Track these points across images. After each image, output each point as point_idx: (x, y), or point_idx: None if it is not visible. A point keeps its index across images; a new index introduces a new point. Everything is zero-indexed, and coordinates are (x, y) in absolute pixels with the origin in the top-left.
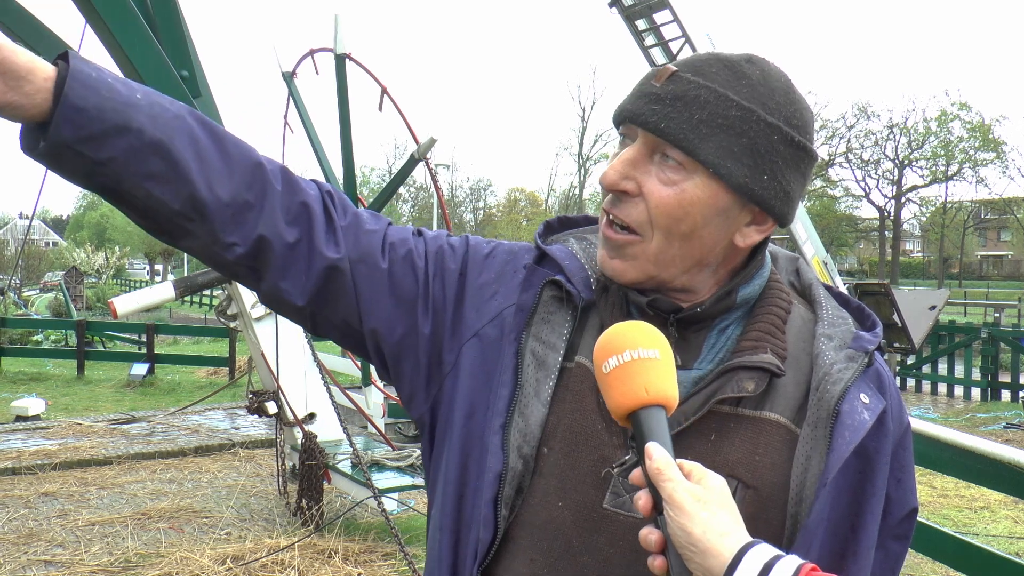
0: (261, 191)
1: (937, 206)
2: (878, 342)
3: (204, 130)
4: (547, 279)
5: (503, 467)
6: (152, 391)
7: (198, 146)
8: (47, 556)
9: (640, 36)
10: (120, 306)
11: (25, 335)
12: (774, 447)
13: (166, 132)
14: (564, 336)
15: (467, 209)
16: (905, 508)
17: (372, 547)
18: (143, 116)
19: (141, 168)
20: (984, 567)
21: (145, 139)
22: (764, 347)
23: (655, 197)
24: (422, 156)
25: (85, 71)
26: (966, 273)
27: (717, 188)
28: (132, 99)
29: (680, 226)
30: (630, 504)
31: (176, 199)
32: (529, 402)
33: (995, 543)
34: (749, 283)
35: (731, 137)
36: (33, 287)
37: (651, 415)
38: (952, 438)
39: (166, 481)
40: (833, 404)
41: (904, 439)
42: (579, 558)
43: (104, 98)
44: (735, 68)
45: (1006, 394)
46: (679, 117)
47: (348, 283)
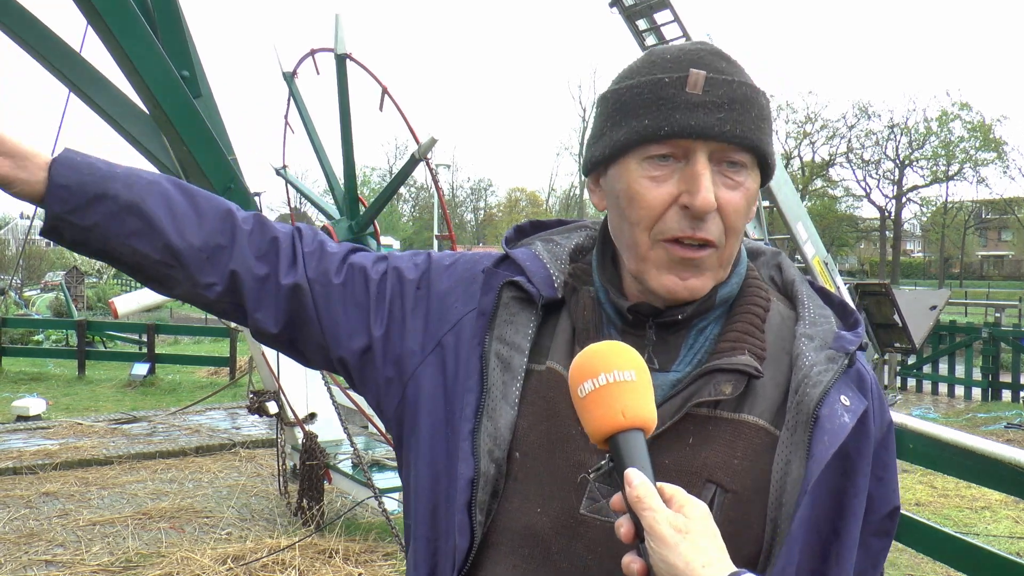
0: (231, 233)
1: (938, 206)
2: (859, 342)
3: (176, 189)
4: (505, 280)
5: (475, 472)
6: (153, 391)
7: (170, 202)
8: (48, 556)
9: (641, 36)
10: (121, 306)
11: (26, 335)
12: (753, 450)
13: (139, 194)
14: (528, 336)
15: (468, 209)
16: (887, 507)
17: (373, 547)
18: (118, 184)
19: (121, 228)
20: (985, 567)
21: (121, 202)
22: (742, 348)
23: (731, 205)
24: (423, 156)
25: (70, 157)
26: (967, 273)
27: (758, 174)
28: (110, 173)
29: (741, 222)
30: (607, 509)
31: (155, 250)
32: (497, 405)
33: (996, 543)
34: (727, 282)
35: (766, 122)
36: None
37: (629, 439)
38: (953, 438)
39: (167, 481)
40: (812, 408)
41: (886, 439)
42: (558, 564)
43: (84, 175)
44: (724, 56)
45: (1007, 394)
46: (744, 120)
47: (309, 303)
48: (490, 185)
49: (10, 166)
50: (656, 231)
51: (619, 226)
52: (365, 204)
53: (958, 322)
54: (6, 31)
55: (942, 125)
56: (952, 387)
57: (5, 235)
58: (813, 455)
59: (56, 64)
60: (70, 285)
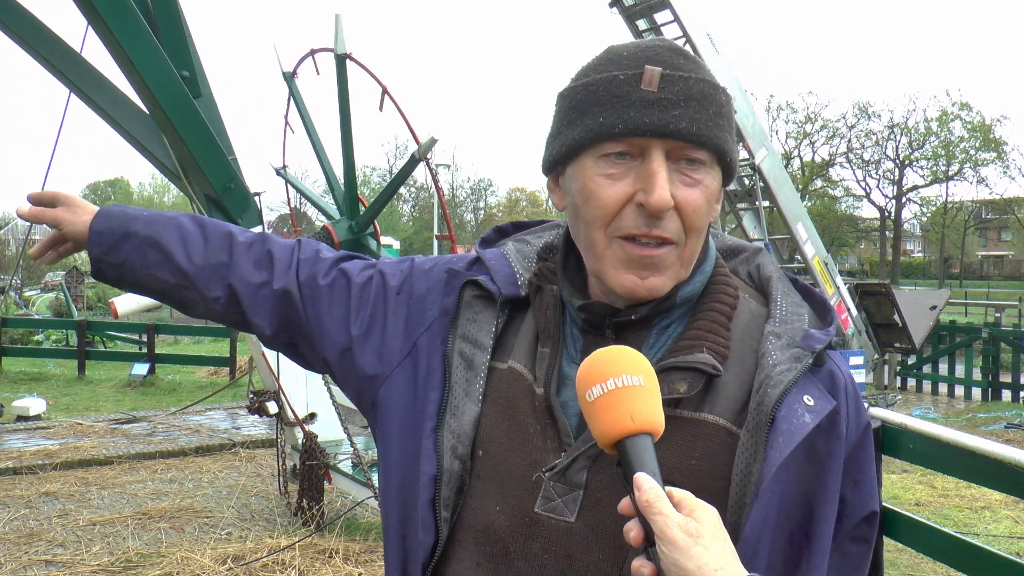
0: (230, 251)
1: (938, 206)
2: (828, 340)
3: (192, 222)
4: (466, 279)
5: (437, 469)
6: (153, 391)
7: (183, 233)
8: (48, 556)
9: (641, 36)
10: (121, 306)
11: (26, 335)
12: (712, 451)
13: (156, 230)
14: (491, 334)
15: (468, 209)
16: (862, 511)
17: (373, 547)
18: (140, 224)
19: (145, 260)
20: (985, 567)
21: (141, 238)
22: (701, 346)
23: (689, 204)
24: (423, 156)
25: (108, 209)
26: (967, 273)
27: (719, 172)
28: (137, 216)
29: (702, 221)
30: (561, 508)
31: (172, 275)
32: (460, 402)
33: (996, 543)
34: (689, 281)
35: (725, 119)
36: (34, 287)
37: (638, 443)
38: (953, 438)
39: (167, 481)
40: (771, 408)
41: (863, 440)
42: (516, 563)
43: (115, 221)
44: (682, 52)
45: (1007, 394)
46: (701, 117)
47: (299, 306)
48: (490, 185)
49: (64, 211)
50: (612, 228)
51: (576, 225)
52: (365, 204)
53: (958, 322)
54: (6, 31)
55: (942, 125)
56: (952, 387)
57: (5, 235)
58: (767, 457)
59: (56, 64)
60: (70, 285)
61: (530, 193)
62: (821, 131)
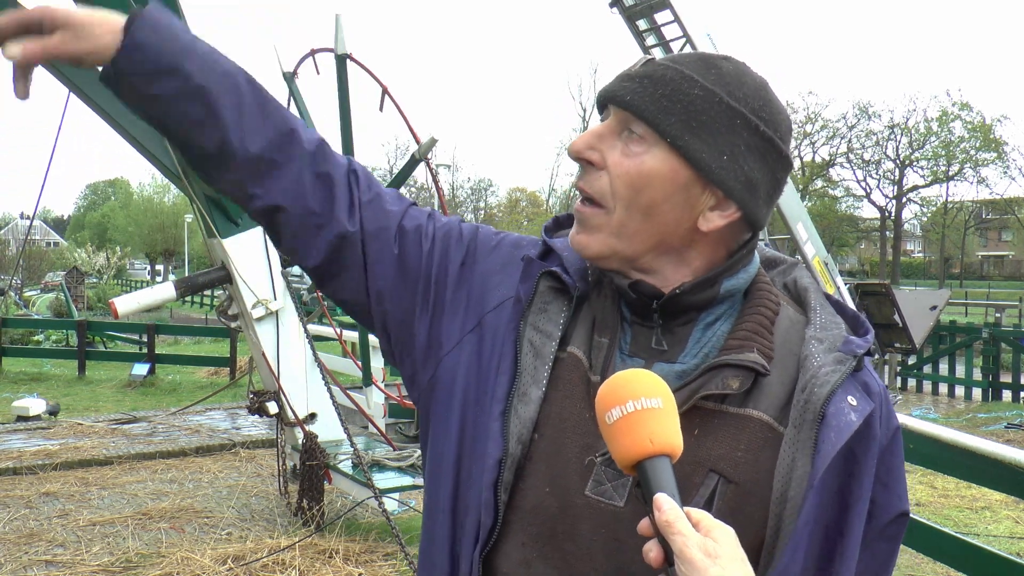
0: (288, 154)
1: (938, 206)
2: (868, 347)
3: (251, 88)
4: (543, 270)
5: (503, 453)
6: (153, 391)
7: (240, 101)
8: (48, 556)
9: (641, 36)
10: (121, 306)
11: (26, 335)
12: (756, 444)
13: (211, 82)
14: (560, 325)
15: (468, 209)
16: (892, 512)
17: (373, 547)
18: (194, 64)
19: (184, 110)
20: (985, 567)
21: (191, 84)
22: (751, 346)
23: (618, 168)
24: (423, 156)
25: (155, 15)
26: (967, 273)
27: (676, 163)
28: (190, 46)
29: (640, 198)
30: (611, 493)
31: (211, 144)
32: (528, 390)
33: (996, 543)
34: (733, 275)
35: (691, 114)
36: (34, 287)
37: (657, 465)
38: (953, 438)
39: (167, 481)
40: (820, 406)
41: (893, 444)
42: (563, 544)
43: (164, 40)
44: (709, 60)
45: (1007, 394)
46: (644, 92)
47: (358, 256)
48: (490, 185)
49: (66, 38)
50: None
51: None
52: None
53: (958, 322)
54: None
55: (942, 125)
56: (952, 387)
57: (5, 235)
58: (819, 451)
59: (56, 64)
60: (70, 285)
61: (530, 193)
62: (821, 131)
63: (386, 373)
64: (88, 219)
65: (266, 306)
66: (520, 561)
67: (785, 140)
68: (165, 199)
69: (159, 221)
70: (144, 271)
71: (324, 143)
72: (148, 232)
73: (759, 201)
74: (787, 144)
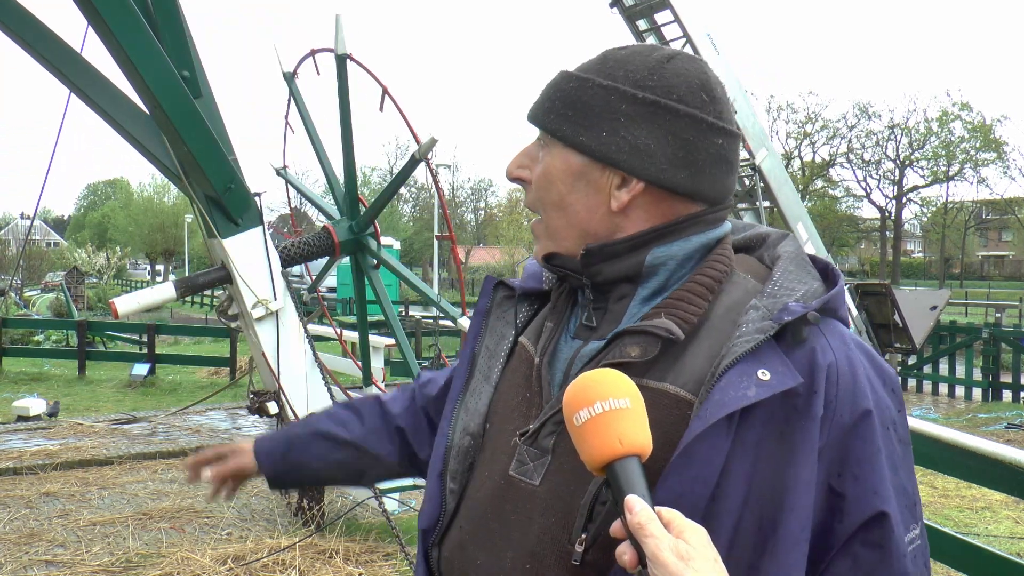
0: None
1: (938, 206)
2: (804, 312)
3: (337, 407)
4: (495, 283)
5: (448, 444)
6: (153, 391)
7: (335, 417)
8: (48, 556)
9: (641, 36)
10: (121, 306)
11: (26, 335)
12: (668, 421)
13: (312, 425)
14: (514, 324)
15: (468, 209)
16: (866, 510)
17: (373, 547)
18: (297, 428)
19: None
20: (985, 567)
21: (303, 437)
22: (662, 313)
23: (534, 178)
24: (423, 156)
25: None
26: (967, 273)
27: (567, 154)
28: (289, 430)
29: (550, 195)
30: (531, 472)
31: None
32: (479, 386)
33: (996, 543)
34: (665, 244)
35: (567, 104)
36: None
37: (627, 466)
38: (953, 438)
39: (167, 481)
40: (716, 377)
41: (860, 429)
42: (490, 525)
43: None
44: (601, 55)
45: (1007, 394)
46: (536, 103)
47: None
48: (491, 185)
49: (236, 459)
50: None
51: None
52: (365, 204)
53: (958, 322)
54: (6, 31)
55: (942, 125)
56: (952, 387)
57: (5, 235)
58: (689, 426)
59: (56, 64)
60: (70, 285)
61: None
62: (821, 131)
63: (386, 373)
64: (88, 219)
65: (266, 306)
66: (457, 543)
67: (686, 99)
68: (165, 199)
69: (159, 221)
70: (144, 271)
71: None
72: (148, 232)
73: (660, 165)
74: (691, 103)
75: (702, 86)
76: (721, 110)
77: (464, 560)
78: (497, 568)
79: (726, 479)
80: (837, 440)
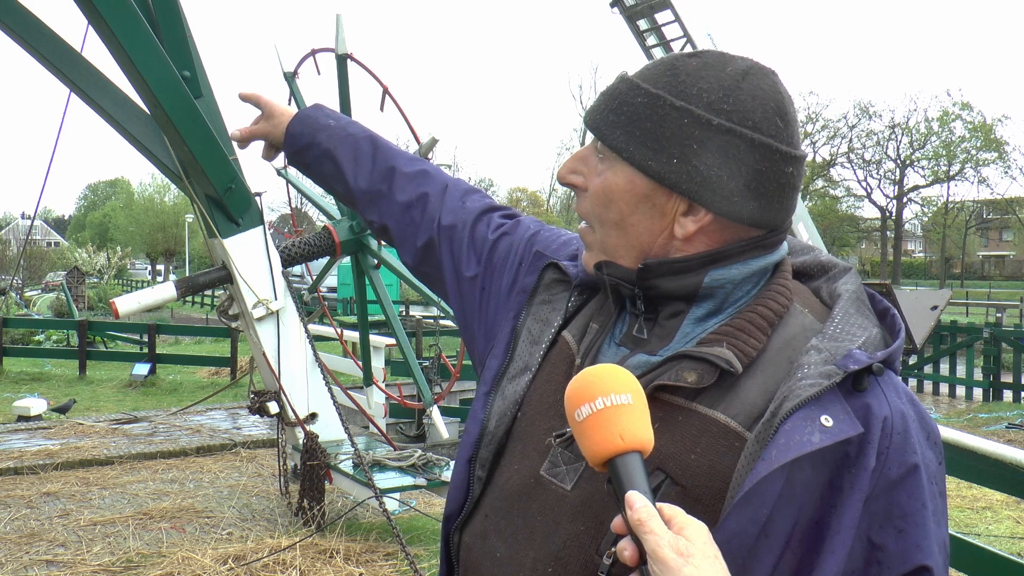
0: (390, 183)
1: (939, 206)
2: (869, 363)
3: (368, 143)
4: (547, 262)
5: (480, 431)
6: (154, 391)
7: (357, 152)
8: (49, 556)
9: (641, 36)
10: (122, 306)
11: (27, 335)
12: (716, 450)
13: (334, 144)
14: (562, 313)
15: None
16: (908, 564)
17: (374, 547)
18: (324, 135)
19: (322, 169)
20: (986, 567)
21: (322, 149)
22: (723, 341)
23: (590, 188)
24: (424, 156)
25: (304, 112)
26: (968, 273)
27: (632, 174)
28: (325, 126)
29: (609, 214)
30: (563, 475)
31: (341, 188)
32: (518, 372)
33: (997, 543)
34: (725, 267)
35: (636, 123)
36: (35, 287)
37: (628, 462)
38: (954, 438)
39: (168, 481)
40: (779, 420)
41: (908, 483)
42: (515, 520)
43: (306, 126)
44: (671, 62)
45: (1008, 394)
46: (598, 110)
47: (438, 253)
48: (491, 185)
49: (266, 125)
50: None
51: None
52: None
53: (959, 322)
54: (6, 31)
55: (943, 125)
56: (953, 387)
57: (6, 235)
58: (754, 469)
59: (56, 64)
60: (71, 285)
61: (531, 193)
62: (822, 131)
63: (387, 373)
64: (89, 219)
65: (267, 306)
66: (479, 532)
67: (761, 127)
68: (166, 199)
69: (160, 221)
70: (145, 271)
71: (426, 170)
72: (149, 232)
73: (732, 197)
74: (766, 130)
75: (776, 110)
76: (792, 134)
77: (483, 549)
78: (516, 565)
79: (772, 519)
80: (883, 493)
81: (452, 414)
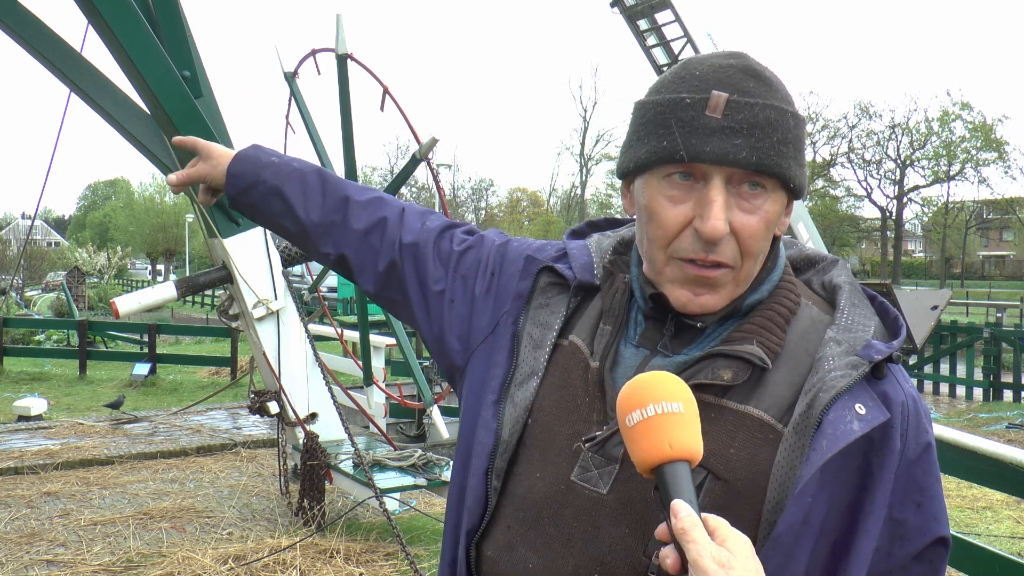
0: (344, 213)
1: (939, 206)
2: (890, 352)
3: (315, 176)
4: (541, 266)
5: (495, 441)
6: (154, 391)
7: (306, 187)
8: (49, 555)
9: (642, 36)
10: (122, 306)
11: (27, 335)
12: (753, 443)
13: (281, 180)
14: (560, 316)
15: (469, 209)
16: (928, 536)
17: (374, 547)
18: (269, 172)
19: (270, 207)
20: (986, 567)
21: (268, 186)
22: (751, 339)
23: (746, 229)
24: (424, 156)
25: (244, 152)
26: (968, 273)
27: (783, 195)
28: (268, 164)
29: (764, 244)
30: (596, 480)
31: (292, 224)
32: (524, 377)
33: (997, 543)
34: (757, 290)
35: (791, 145)
36: (35, 287)
37: (675, 470)
38: (954, 438)
39: (168, 481)
40: (819, 412)
41: (923, 460)
42: (547, 529)
43: (249, 165)
44: (756, 73)
45: (1008, 394)
46: (763, 145)
47: (401, 274)
48: (491, 185)
49: (205, 167)
50: (671, 250)
51: (641, 238)
52: None
53: (959, 322)
54: (6, 31)
55: (943, 125)
56: (953, 387)
57: (7, 235)
58: (808, 459)
59: (56, 64)
60: (71, 285)
61: (531, 193)
62: (822, 131)
63: (387, 373)
64: (89, 219)
65: (267, 306)
66: (504, 545)
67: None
68: (166, 199)
69: (160, 221)
70: (145, 271)
71: (381, 197)
72: (149, 232)
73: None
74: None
75: None
76: None
77: (511, 561)
78: (553, 573)
79: (812, 507)
80: (903, 472)
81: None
